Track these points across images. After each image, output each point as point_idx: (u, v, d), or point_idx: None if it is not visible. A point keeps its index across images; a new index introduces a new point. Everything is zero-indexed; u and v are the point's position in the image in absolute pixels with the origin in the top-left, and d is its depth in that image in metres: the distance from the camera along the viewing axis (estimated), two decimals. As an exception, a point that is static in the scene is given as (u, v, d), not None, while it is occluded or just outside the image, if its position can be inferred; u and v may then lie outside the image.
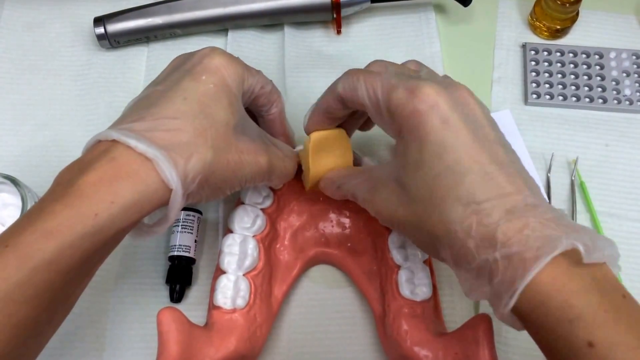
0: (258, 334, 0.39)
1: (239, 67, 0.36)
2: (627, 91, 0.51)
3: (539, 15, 0.53)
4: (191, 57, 0.36)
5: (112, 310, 0.44)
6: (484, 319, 0.34)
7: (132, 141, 0.31)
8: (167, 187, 0.31)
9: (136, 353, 0.43)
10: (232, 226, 0.41)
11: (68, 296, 0.32)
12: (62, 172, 0.32)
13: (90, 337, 0.43)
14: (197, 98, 0.34)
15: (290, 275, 0.43)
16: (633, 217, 0.47)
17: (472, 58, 0.53)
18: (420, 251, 0.40)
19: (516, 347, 0.43)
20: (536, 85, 0.51)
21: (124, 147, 0.31)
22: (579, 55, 0.52)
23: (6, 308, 0.28)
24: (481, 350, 0.33)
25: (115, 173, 0.30)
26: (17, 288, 0.28)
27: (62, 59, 0.53)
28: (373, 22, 0.55)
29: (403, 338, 0.38)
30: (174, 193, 0.31)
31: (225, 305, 0.38)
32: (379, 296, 0.42)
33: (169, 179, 0.31)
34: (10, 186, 0.41)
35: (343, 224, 0.46)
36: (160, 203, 0.31)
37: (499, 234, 0.28)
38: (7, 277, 0.28)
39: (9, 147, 0.50)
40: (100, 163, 0.30)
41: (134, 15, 0.52)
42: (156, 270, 0.45)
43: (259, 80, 0.38)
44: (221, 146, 0.34)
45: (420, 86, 0.31)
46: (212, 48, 0.36)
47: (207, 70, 0.35)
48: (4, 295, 0.28)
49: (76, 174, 0.30)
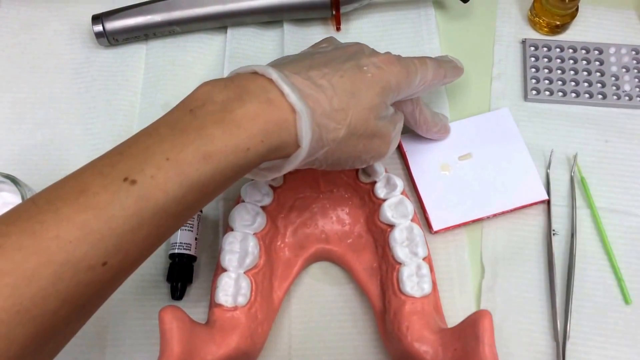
0: (259, 331, 0.40)
1: (402, 71, 0.38)
2: (627, 87, 0.51)
3: (539, 11, 0.53)
4: (365, 49, 0.38)
5: (114, 307, 0.44)
6: (484, 315, 0.34)
7: (287, 88, 0.32)
8: (297, 143, 0.33)
9: (138, 350, 0.43)
10: (233, 224, 0.41)
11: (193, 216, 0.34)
12: (212, 89, 0.32)
13: (92, 335, 0.43)
14: (352, 79, 0.35)
15: (291, 273, 0.44)
16: (633, 212, 0.47)
17: (471, 54, 0.53)
18: (421, 248, 0.41)
19: (516, 343, 0.43)
20: (536, 82, 0.51)
21: (279, 91, 0.32)
22: (578, 51, 0.52)
23: (159, 219, 0.29)
24: (481, 347, 0.33)
25: (270, 114, 0.31)
26: (174, 203, 0.29)
27: (60, 57, 0.53)
28: (372, 19, 0.55)
29: (403, 334, 0.38)
30: (300, 150, 0.33)
31: (227, 302, 0.38)
32: (379, 293, 0.42)
33: (303, 136, 0.32)
34: (10, 185, 0.41)
35: (343, 220, 0.46)
36: (288, 155, 0.33)
37: None
38: (167, 190, 0.29)
39: (8, 146, 0.50)
40: (258, 100, 0.32)
41: (132, 12, 0.51)
42: (157, 268, 0.45)
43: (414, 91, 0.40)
44: (358, 126, 0.35)
45: None
46: (387, 53, 0.39)
47: (371, 63, 0.37)
48: (160, 208, 0.29)
49: (233, 100, 0.31)
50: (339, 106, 0.34)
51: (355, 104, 0.35)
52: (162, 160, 0.29)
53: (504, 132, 0.49)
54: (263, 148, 0.31)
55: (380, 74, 0.36)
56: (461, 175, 0.47)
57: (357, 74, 0.36)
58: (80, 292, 0.28)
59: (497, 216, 0.46)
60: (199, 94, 0.32)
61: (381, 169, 0.43)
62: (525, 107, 0.51)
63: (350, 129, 0.35)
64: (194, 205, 0.31)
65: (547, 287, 0.45)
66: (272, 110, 0.32)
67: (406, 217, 0.42)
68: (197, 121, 0.30)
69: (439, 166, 0.47)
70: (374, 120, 0.36)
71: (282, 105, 0.32)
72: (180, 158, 0.29)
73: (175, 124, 0.31)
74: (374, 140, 0.37)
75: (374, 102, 0.36)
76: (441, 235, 0.46)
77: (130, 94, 0.52)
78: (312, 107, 0.33)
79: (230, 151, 0.30)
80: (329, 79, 0.34)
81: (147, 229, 0.29)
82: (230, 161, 0.30)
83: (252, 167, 0.32)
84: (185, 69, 0.52)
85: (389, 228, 0.42)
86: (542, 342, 0.43)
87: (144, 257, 0.31)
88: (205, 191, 0.30)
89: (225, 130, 0.30)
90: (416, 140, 0.48)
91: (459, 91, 0.52)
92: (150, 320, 0.44)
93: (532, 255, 0.46)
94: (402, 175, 0.48)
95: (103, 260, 0.28)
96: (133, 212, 0.28)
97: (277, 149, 0.32)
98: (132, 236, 0.28)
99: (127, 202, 0.28)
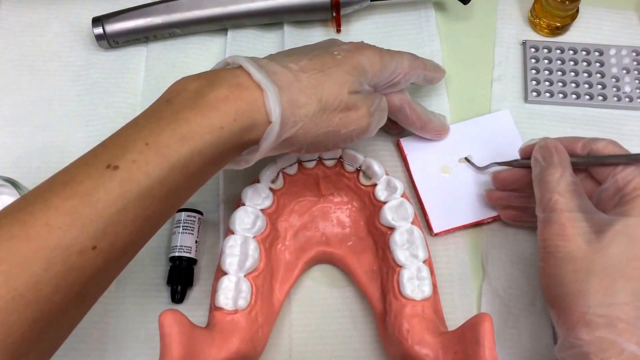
0: (260, 335, 0.40)
1: (375, 54, 0.40)
2: (627, 88, 0.51)
3: (539, 13, 0.52)
4: (339, 42, 0.40)
5: (114, 311, 0.44)
6: (484, 319, 0.34)
7: (252, 69, 0.34)
8: (269, 119, 0.34)
9: (138, 353, 0.43)
10: (233, 227, 0.41)
11: (182, 202, 0.35)
12: (187, 80, 0.35)
13: (92, 338, 0.43)
14: (322, 60, 0.37)
15: (292, 275, 0.44)
16: (634, 215, 0.47)
17: (472, 56, 0.53)
18: (421, 251, 0.41)
19: (517, 345, 0.43)
20: (536, 83, 0.51)
21: (248, 75, 0.34)
22: (579, 53, 0.52)
23: (145, 201, 0.30)
24: (482, 350, 0.33)
25: (240, 95, 0.33)
26: (157, 184, 0.31)
27: (60, 59, 0.53)
28: (373, 20, 0.55)
29: (404, 337, 0.38)
30: (272, 125, 0.34)
31: (227, 306, 0.38)
32: (379, 295, 0.42)
33: (272, 111, 0.34)
34: (10, 189, 0.41)
35: (344, 223, 0.46)
36: (262, 134, 0.34)
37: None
38: (149, 172, 0.30)
39: (9, 149, 0.49)
40: (229, 83, 0.34)
41: (132, 15, 0.51)
42: (157, 271, 0.45)
43: (397, 70, 0.41)
44: (330, 100, 0.36)
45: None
46: (359, 42, 0.41)
47: (341, 49, 0.39)
48: (145, 190, 0.30)
49: (205, 87, 0.33)
50: (308, 82, 0.36)
51: (325, 80, 0.36)
52: (142, 145, 0.31)
53: (505, 134, 0.49)
54: (236, 126, 0.33)
55: (350, 56, 0.38)
56: (462, 178, 0.47)
57: (325, 56, 0.37)
58: (73, 277, 0.29)
59: (498, 219, 0.46)
60: (174, 86, 0.35)
61: (382, 171, 0.43)
62: (526, 109, 0.51)
63: (322, 104, 0.36)
64: (178, 189, 0.32)
65: (547, 289, 0.45)
66: (241, 90, 0.34)
67: (406, 220, 0.42)
68: (172, 108, 0.33)
69: (440, 168, 0.47)
70: (347, 95, 0.37)
71: (251, 86, 0.34)
72: (158, 141, 0.31)
73: (152, 113, 0.33)
74: (350, 113, 0.37)
75: (344, 78, 0.37)
76: (441, 237, 0.46)
77: (130, 97, 0.52)
78: (280, 85, 0.34)
79: (205, 131, 0.32)
80: (297, 61, 0.37)
81: (134, 211, 0.30)
82: (207, 140, 0.32)
83: (230, 149, 0.34)
84: (185, 71, 0.51)
85: (390, 231, 0.42)
86: (543, 344, 0.43)
87: (135, 244, 0.32)
88: (187, 172, 0.32)
89: (198, 112, 0.32)
90: (417, 143, 0.48)
91: (459, 93, 0.52)
92: (150, 324, 0.44)
93: (532, 258, 0.46)
94: (403, 178, 0.48)
95: (93, 244, 0.29)
96: (118, 195, 0.30)
97: (250, 127, 0.34)
98: (119, 218, 0.30)
99: (110, 186, 0.29)
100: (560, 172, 0.37)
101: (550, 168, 0.37)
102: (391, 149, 0.49)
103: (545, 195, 0.36)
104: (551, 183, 0.36)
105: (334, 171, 0.45)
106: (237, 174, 0.47)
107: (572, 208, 0.35)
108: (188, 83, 0.34)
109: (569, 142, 0.39)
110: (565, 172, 0.37)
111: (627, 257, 0.34)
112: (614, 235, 0.34)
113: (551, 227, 0.35)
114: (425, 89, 0.51)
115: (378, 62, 0.39)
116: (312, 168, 0.44)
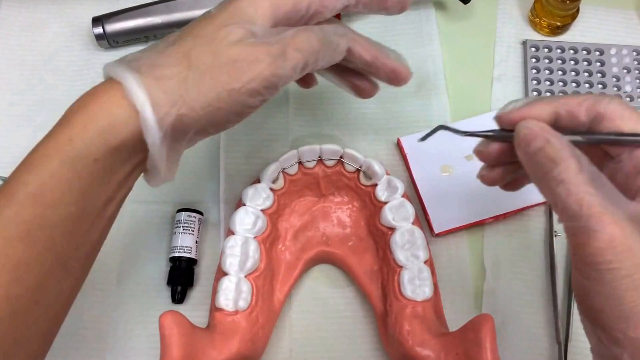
0: (260, 335, 0.39)
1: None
2: (628, 87, 0.51)
3: (539, 12, 0.52)
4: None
5: (114, 311, 0.44)
6: (486, 320, 0.33)
7: (109, 66, 0.31)
8: (133, 106, 0.29)
9: (138, 354, 0.43)
10: (234, 227, 0.41)
11: (75, 238, 0.30)
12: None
13: (92, 338, 0.43)
14: (193, 25, 0.33)
15: (292, 276, 0.43)
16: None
17: (472, 55, 0.53)
18: (422, 252, 0.41)
19: (518, 345, 0.43)
20: (537, 83, 0.51)
21: (110, 77, 0.31)
22: (579, 52, 0.52)
23: (0, 246, 0.28)
24: (483, 352, 0.33)
25: (92, 98, 0.30)
26: (8, 223, 0.28)
27: (60, 59, 0.53)
28: (373, 20, 0.54)
29: (405, 338, 0.38)
30: (143, 115, 0.29)
31: (227, 307, 0.38)
32: (380, 296, 0.42)
33: (134, 99, 0.29)
34: (10, 189, 0.41)
35: (344, 223, 0.46)
36: (139, 128, 0.30)
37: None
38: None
39: (8, 149, 0.49)
40: (87, 91, 0.31)
41: (132, 14, 0.51)
42: (158, 272, 0.45)
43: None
44: (204, 60, 0.31)
45: None
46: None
47: (217, 4, 0.34)
48: (46, 207, 0.28)
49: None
50: (175, 53, 0.31)
51: (195, 42, 0.31)
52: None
53: (505, 134, 0.48)
54: (89, 133, 0.29)
55: (225, 5, 0.33)
56: (462, 177, 0.47)
57: (199, 21, 0.33)
58: None
59: (499, 218, 0.46)
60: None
61: (382, 171, 0.43)
62: (527, 109, 0.51)
63: (196, 66, 0.30)
64: (43, 221, 0.29)
65: (548, 288, 0.45)
66: (96, 93, 0.30)
67: (407, 220, 0.42)
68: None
69: (440, 168, 0.47)
70: (228, 47, 0.31)
71: (107, 86, 0.30)
72: (8, 179, 0.30)
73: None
74: (238, 63, 0.31)
75: (218, 32, 0.31)
76: (442, 238, 0.46)
77: (130, 97, 0.51)
78: (142, 69, 0.30)
79: (52, 150, 0.29)
80: (166, 39, 0.33)
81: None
82: (56, 159, 0.29)
83: (93, 155, 0.29)
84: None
85: (390, 231, 0.42)
86: (544, 344, 0.43)
87: (43, 288, 0.30)
88: (42, 200, 0.29)
89: (48, 134, 0.30)
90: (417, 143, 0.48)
91: (459, 92, 0.51)
92: (150, 324, 0.44)
93: (533, 257, 0.46)
94: (403, 178, 0.48)
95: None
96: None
97: (113, 126, 0.29)
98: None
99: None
100: (575, 163, 0.28)
101: (559, 164, 0.28)
102: (391, 148, 0.49)
103: (569, 198, 0.27)
104: (570, 182, 0.27)
105: (335, 171, 0.44)
106: (237, 174, 0.47)
107: (611, 209, 0.27)
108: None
109: (568, 106, 0.31)
110: (580, 161, 0.28)
111: None
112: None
113: (595, 238, 0.26)
114: (424, 88, 0.51)
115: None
116: (313, 168, 0.44)
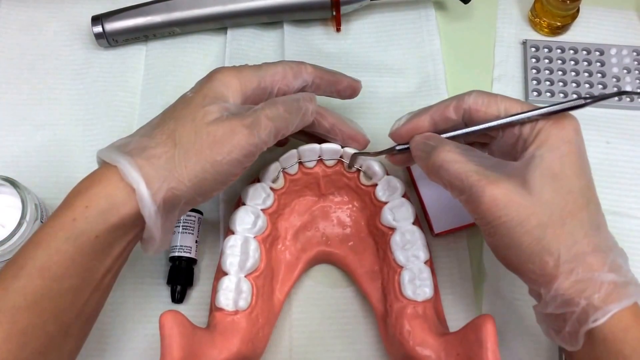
0: (260, 335, 0.39)
1: (231, 71, 0.38)
2: (628, 88, 0.51)
3: (540, 12, 0.52)
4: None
5: (114, 311, 0.44)
6: (487, 320, 0.33)
7: (104, 152, 0.35)
8: (129, 184, 0.33)
9: (138, 354, 0.43)
10: (234, 227, 0.41)
11: (76, 306, 0.34)
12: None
13: (92, 338, 0.43)
14: (174, 107, 0.37)
15: (292, 276, 0.43)
16: (635, 215, 0.47)
17: (472, 55, 0.53)
18: (422, 252, 0.40)
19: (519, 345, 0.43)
20: (537, 83, 0.51)
21: (102, 163, 0.35)
22: (579, 52, 0.52)
23: (9, 315, 0.31)
24: (484, 352, 0.32)
25: (92, 183, 0.34)
26: (17, 294, 0.31)
27: (60, 58, 0.53)
28: (373, 20, 0.54)
29: (405, 338, 0.38)
30: (138, 192, 0.33)
31: (228, 307, 0.38)
32: (380, 296, 0.42)
33: (130, 179, 0.33)
34: (10, 188, 0.41)
35: (344, 223, 0.46)
36: (136, 206, 0.33)
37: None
38: (5, 286, 0.31)
39: (8, 148, 0.49)
40: (86, 176, 0.35)
41: (132, 13, 0.51)
42: (157, 271, 0.45)
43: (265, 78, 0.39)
44: (187, 137, 0.34)
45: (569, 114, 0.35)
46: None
47: (192, 88, 0.38)
48: (4, 304, 0.31)
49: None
50: (160, 134, 0.35)
51: (177, 123, 0.35)
52: (5, 263, 0.33)
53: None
54: (91, 212, 0.33)
55: (200, 89, 0.37)
56: (462, 177, 0.47)
57: (177, 103, 0.37)
58: None
59: (499, 218, 0.46)
60: None
61: (382, 171, 0.43)
62: (527, 109, 0.51)
63: (180, 144, 0.34)
64: (49, 293, 0.32)
65: (548, 289, 0.44)
66: (95, 177, 0.34)
67: (407, 220, 0.42)
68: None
69: (440, 168, 0.47)
70: (208, 124, 0.35)
71: (105, 170, 0.34)
72: (16, 255, 0.33)
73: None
74: (219, 138, 0.34)
75: (197, 112, 0.35)
76: (442, 238, 0.46)
77: (129, 95, 0.51)
78: (133, 153, 0.34)
79: (57, 229, 0.33)
80: (150, 123, 0.37)
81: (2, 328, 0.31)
82: (61, 237, 0.32)
83: (95, 232, 0.33)
84: (185, 70, 0.52)
85: (390, 231, 0.42)
86: (545, 344, 0.43)
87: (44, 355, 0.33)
88: (48, 275, 0.32)
89: (52, 215, 0.34)
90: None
91: (459, 92, 0.51)
92: (150, 324, 0.44)
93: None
94: (403, 178, 0.48)
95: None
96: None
97: (112, 206, 0.33)
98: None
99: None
100: (447, 147, 0.35)
101: (435, 154, 0.35)
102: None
103: (452, 176, 0.34)
104: (448, 162, 0.34)
105: (335, 170, 0.44)
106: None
107: (487, 174, 0.33)
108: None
109: (439, 111, 0.37)
110: (451, 145, 0.35)
111: (562, 194, 0.33)
112: (539, 179, 0.33)
113: (480, 201, 0.33)
114: (424, 89, 0.51)
115: (235, 79, 0.37)
116: (313, 167, 0.44)
